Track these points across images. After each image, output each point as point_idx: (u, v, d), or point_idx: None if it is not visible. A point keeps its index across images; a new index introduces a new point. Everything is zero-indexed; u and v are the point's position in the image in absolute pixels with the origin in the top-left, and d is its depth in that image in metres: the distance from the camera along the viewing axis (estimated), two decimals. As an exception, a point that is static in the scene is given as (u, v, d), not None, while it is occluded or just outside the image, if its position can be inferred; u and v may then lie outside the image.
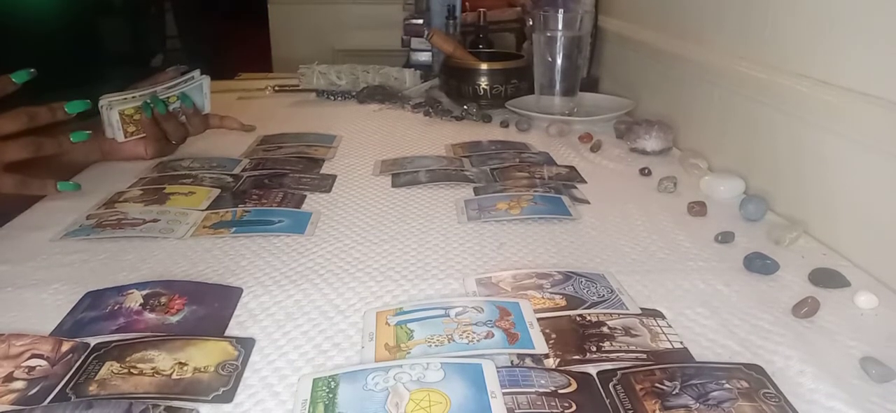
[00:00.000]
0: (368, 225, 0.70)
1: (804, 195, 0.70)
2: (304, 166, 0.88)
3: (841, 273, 0.58)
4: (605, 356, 0.46)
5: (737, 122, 0.82)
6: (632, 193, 0.79)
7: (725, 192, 0.77)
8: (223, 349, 0.47)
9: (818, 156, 0.67)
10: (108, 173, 0.85)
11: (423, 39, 1.54)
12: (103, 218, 0.69)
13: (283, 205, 0.74)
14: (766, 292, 0.56)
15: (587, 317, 0.51)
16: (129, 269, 0.60)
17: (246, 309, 0.53)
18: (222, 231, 0.67)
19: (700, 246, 0.65)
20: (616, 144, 0.99)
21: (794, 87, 0.70)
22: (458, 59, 1.23)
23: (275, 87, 1.37)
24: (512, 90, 1.18)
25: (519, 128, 1.07)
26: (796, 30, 0.72)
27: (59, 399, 0.42)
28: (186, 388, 0.43)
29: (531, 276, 0.57)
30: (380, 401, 0.41)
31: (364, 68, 1.31)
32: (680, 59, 0.97)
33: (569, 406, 0.41)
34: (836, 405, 0.42)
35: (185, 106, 0.89)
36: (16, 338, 0.48)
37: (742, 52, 0.81)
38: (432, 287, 0.57)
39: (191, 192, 0.77)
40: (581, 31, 1.10)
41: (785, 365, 0.46)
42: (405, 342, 0.47)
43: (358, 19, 2.71)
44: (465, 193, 0.78)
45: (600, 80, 1.31)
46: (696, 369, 0.45)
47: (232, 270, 0.59)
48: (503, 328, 0.49)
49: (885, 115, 0.57)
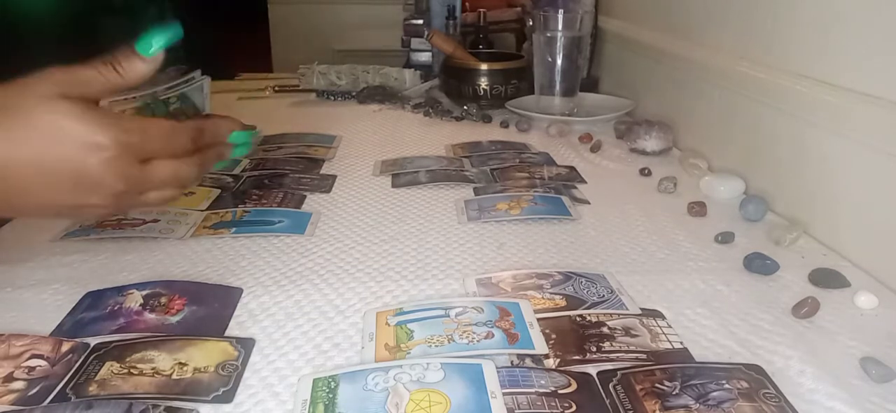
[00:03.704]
0: (368, 225, 0.70)
1: (804, 195, 0.70)
2: (305, 166, 0.88)
3: (841, 273, 0.58)
4: (605, 356, 0.46)
5: (737, 123, 0.82)
6: (632, 194, 0.79)
7: (725, 192, 0.77)
8: (223, 349, 0.47)
9: (818, 156, 0.67)
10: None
11: (423, 39, 1.54)
12: (103, 218, 0.69)
13: (283, 205, 0.74)
14: (766, 292, 0.56)
15: (587, 317, 0.51)
16: (129, 270, 0.60)
17: (246, 309, 0.53)
18: (222, 231, 0.67)
19: (700, 246, 0.65)
20: (616, 145, 0.99)
21: (794, 88, 0.70)
22: (458, 59, 1.23)
23: (275, 88, 1.37)
24: (512, 90, 1.18)
25: (519, 128, 1.07)
26: (797, 30, 0.72)
27: (59, 399, 0.42)
28: (186, 389, 0.43)
29: (531, 276, 0.57)
30: (380, 401, 0.41)
31: (364, 68, 1.31)
32: (680, 59, 0.97)
33: (569, 406, 0.41)
34: (836, 405, 0.42)
35: (186, 107, 0.89)
36: (16, 338, 0.48)
37: (742, 53, 0.81)
38: (432, 287, 0.57)
39: (191, 193, 0.77)
40: (581, 31, 1.10)
41: (785, 365, 0.46)
42: (405, 342, 0.47)
43: (358, 19, 2.71)
44: (465, 194, 0.78)
45: (600, 81, 1.31)
46: (696, 369, 0.45)
47: (232, 270, 0.59)
48: (503, 328, 0.49)
49: (885, 115, 0.57)
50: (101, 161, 0.43)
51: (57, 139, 0.42)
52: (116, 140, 0.43)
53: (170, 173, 0.47)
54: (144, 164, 0.45)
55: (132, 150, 0.44)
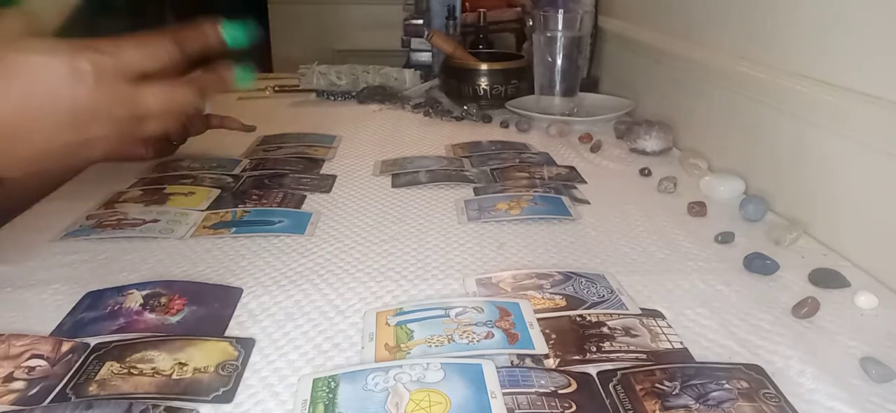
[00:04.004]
0: (368, 225, 0.70)
1: (804, 195, 0.70)
2: (304, 166, 0.88)
3: (841, 273, 0.58)
4: (605, 356, 0.46)
5: (737, 123, 0.82)
6: (632, 194, 0.79)
7: (725, 192, 0.77)
8: (223, 349, 0.47)
9: (818, 156, 0.67)
10: (108, 173, 0.84)
11: (423, 39, 1.54)
12: (103, 218, 0.69)
13: (283, 205, 0.74)
14: (766, 292, 0.56)
15: (587, 317, 0.51)
16: (129, 270, 0.60)
17: (246, 309, 0.53)
18: (222, 231, 0.67)
19: (700, 246, 0.65)
20: (616, 145, 0.99)
21: (794, 88, 0.70)
22: (458, 59, 1.23)
23: (275, 87, 1.37)
24: (512, 90, 1.18)
25: (519, 128, 1.07)
26: (797, 30, 0.72)
27: (59, 399, 0.42)
28: (186, 389, 0.43)
29: (531, 276, 0.57)
30: (380, 401, 0.41)
31: (364, 68, 1.31)
32: (680, 59, 0.97)
33: (569, 406, 0.41)
34: (836, 405, 0.42)
35: None
36: (16, 338, 0.48)
37: (742, 52, 0.81)
38: (432, 287, 0.57)
39: (191, 193, 0.77)
40: (581, 31, 1.10)
41: (785, 365, 0.46)
42: (405, 342, 0.47)
43: (358, 19, 2.71)
44: (465, 194, 0.78)
45: (600, 81, 1.31)
46: (696, 369, 0.45)
47: (232, 270, 0.59)
48: (503, 328, 0.49)
49: (885, 115, 0.57)
50: (89, 86, 0.42)
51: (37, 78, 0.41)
52: (94, 61, 0.42)
53: (164, 94, 0.47)
54: (135, 84, 0.45)
55: (115, 68, 0.44)
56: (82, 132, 0.43)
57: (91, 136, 0.44)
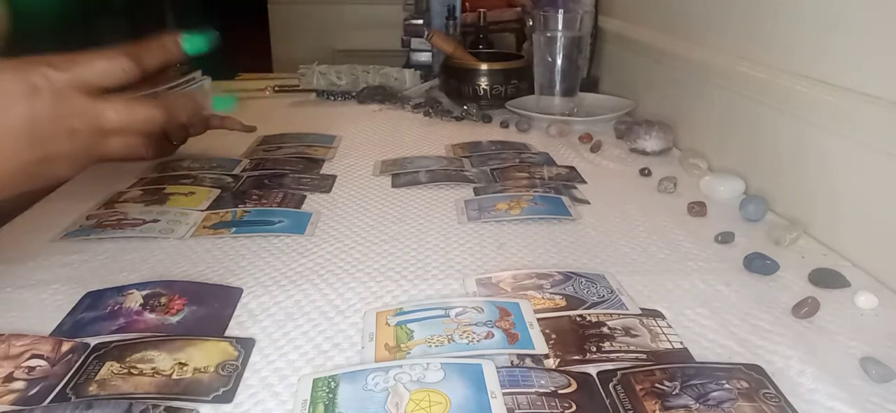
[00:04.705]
0: (368, 225, 0.70)
1: (804, 195, 0.70)
2: (304, 166, 0.88)
3: (841, 273, 0.58)
4: (605, 356, 0.46)
5: (737, 123, 0.82)
6: (632, 194, 0.79)
7: (725, 192, 0.77)
8: (223, 349, 0.47)
9: (818, 156, 0.67)
10: (108, 173, 0.84)
11: (423, 39, 1.53)
12: (103, 218, 0.69)
13: (283, 205, 0.74)
14: (766, 292, 0.56)
15: (587, 317, 0.51)
16: (129, 270, 0.60)
17: (246, 309, 0.53)
18: (222, 231, 0.67)
19: (700, 246, 0.65)
20: (616, 145, 0.99)
21: (794, 88, 0.70)
22: (458, 59, 1.23)
23: (275, 88, 1.37)
24: (512, 90, 1.18)
25: (519, 128, 1.07)
26: (797, 30, 0.72)
27: (59, 399, 0.42)
28: (186, 389, 0.43)
29: (531, 276, 0.57)
30: (380, 401, 0.41)
31: (364, 68, 1.31)
32: (680, 59, 0.97)
33: (569, 406, 0.41)
34: (836, 405, 0.42)
35: None
36: (16, 338, 0.48)
37: (742, 52, 0.81)
38: (432, 287, 0.57)
39: (191, 193, 0.77)
40: (581, 31, 1.10)
41: (785, 365, 0.46)
42: (405, 342, 0.47)
43: (358, 19, 2.71)
44: (465, 194, 0.78)
45: (600, 81, 1.31)
46: (696, 369, 0.45)
47: (232, 270, 0.59)
48: (503, 328, 0.49)
49: (885, 115, 0.57)
50: (45, 101, 0.40)
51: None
52: (49, 76, 0.41)
53: (126, 109, 0.45)
54: (93, 98, 0.43)
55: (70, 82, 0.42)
56: (42, 149, 0.42)
57: (52, 151, 0.43)
